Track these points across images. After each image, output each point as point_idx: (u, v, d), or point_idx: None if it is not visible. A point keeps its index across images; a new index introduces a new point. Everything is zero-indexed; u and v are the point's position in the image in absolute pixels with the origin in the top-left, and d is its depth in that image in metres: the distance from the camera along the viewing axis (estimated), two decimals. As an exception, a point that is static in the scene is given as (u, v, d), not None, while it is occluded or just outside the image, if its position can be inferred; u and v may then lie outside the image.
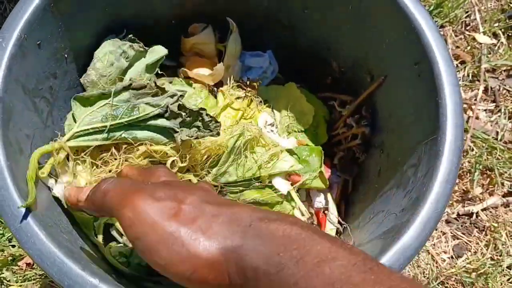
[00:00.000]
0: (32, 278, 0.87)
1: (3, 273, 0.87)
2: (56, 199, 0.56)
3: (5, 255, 0.88)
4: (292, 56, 0.80)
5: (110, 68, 0.64)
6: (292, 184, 0.71)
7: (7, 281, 0.87)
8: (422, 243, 0.48)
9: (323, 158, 0.75)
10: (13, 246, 0.89)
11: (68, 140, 0.56)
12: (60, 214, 0.56)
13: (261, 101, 0.78)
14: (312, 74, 0.79)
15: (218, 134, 0.59)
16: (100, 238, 0.58)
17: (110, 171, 0.57)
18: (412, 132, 0.58)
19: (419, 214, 0.49)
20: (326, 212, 0.77)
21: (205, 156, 0.65)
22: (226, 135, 0.67)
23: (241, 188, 0.69)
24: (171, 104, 0.56)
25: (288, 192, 0.71)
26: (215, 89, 0.78)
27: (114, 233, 0.61)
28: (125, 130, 0.56)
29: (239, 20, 0.77)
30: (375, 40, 0.64)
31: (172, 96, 0.56)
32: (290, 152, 0.74)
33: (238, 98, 0.74)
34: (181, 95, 0.56)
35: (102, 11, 0.65)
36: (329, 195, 0.77)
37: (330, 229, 0.74)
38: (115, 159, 0.58)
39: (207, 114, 0.59)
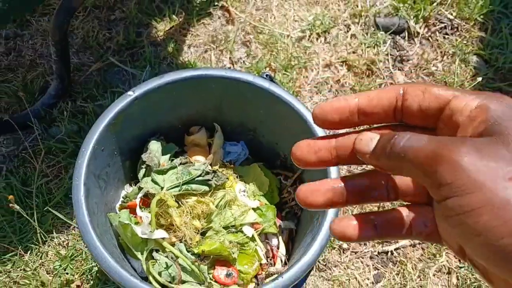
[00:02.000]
0: (80, 296, 1.27)
1: (60, 292, 1.27)
2: (111, 236, 0.97)
3: (62, 280, 1.28)
4: (256, 145, 1.23)
5: (157, 153, 1.08)
6: (255, 230, 1.12)
7: (63, 298, 1.27)
8: (316, 258, 0.89)
9: (275, 212, 1.16)
10: (67, 273, 1.29)
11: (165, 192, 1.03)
12: (114, 247, 0.97)
13: (237, 176, 1.20)
14: (269, 157, 1.22)
15: (227, 179, 1.10)
16: (144, 257, 1.00)
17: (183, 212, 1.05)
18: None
19: (318, 237, 0.90)
20: (278, 249, 1.17)
21: (201, 211, 1.08)
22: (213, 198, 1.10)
23: (222, 233, 1.10)
24: (204, 168, 1.06)
25: (253, 235, 1.11)
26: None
27: (155, 254, 1.02)
28: (187, 184, 1.04)
29: (222, 124, 1.20)
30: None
31: (203, 164, 1.07)
32: (255, 209, 1.15)
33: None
34: (206, 164, 1.07)
35: (138, 127, 1.08)
36: (280, 238, 1.18)
37: (279, 261, 1.14)
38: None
39: (219, 172, 1.09)
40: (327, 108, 0.38)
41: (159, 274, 1.01)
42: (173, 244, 1.05)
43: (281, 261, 1.13)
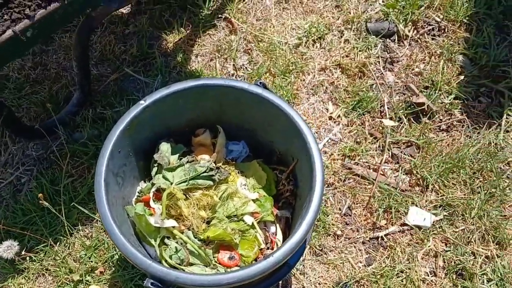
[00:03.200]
0: (103, 280, 1.44)
1: (86, 278, 1.44)
2: (129, 226, 1.14)
3: (87, 267, 1.45)
4: (255, 144, 1.38)
5: (167, 153, 1.24)
6: (255, 218, 1.28)
7: (88, 282, 1.44)
8: (302, 238, 1.04)
9: (273, 203, 1.31)
10: (91, 261, 1.46)
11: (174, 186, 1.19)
12: (131, 235, 1.13)
13: (238, 172, 1.35)
14: (267, 154, 1.37)
15: (229, 174, 1.25)
16: (157, 244, 1.16)
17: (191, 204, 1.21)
18: (306, 188, 1.15)
19: (304, 222, 1.05)
20: (275, 235, 1.32)
21: (206, 203, 1.24)
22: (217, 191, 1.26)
23: (225, 221, 1.25)
24: (209, 165, 1.21)
25: (252, 223, 1.27)
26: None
27: (167, 240, 1.18)
28: (193, 180, 1.20)
29: (223, 125, 1.35)
30: (292, 142, 1.22)
31: (208, 162, 1.21)
32: (254, 200, 1.31)
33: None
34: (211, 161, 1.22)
35: (149, 131, 1.25)
36: (277, 225, 1.33)
37: (276, 245, 1.29)
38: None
39: (222, 168, 1.25)
40: None
41: (170, 257, 1.17)
42: (182, 232, 1.21)
43: (277, 246, 1.28)
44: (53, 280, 1.45)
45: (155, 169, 1.31)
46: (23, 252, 1.31)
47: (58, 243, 1.47)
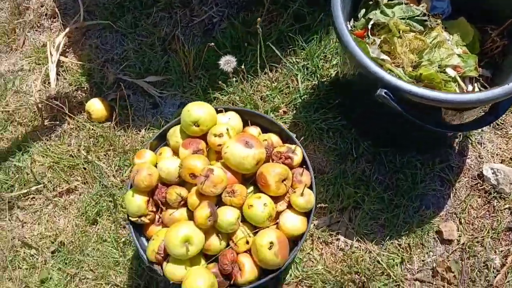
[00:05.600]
0: (285, 119, 1.51)
1: (270, 114, 1.52)
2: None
3: (271, 106, 1.53)
4: (461, 2, 1.37)
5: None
6: (457, 72, 1.28)
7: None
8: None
9: (476, 60, 1.31)
10: (275, 101, 1.54)
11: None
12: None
13: (442, 27, 1.35)
14: (472, 13, 1.35)
15: (438, 24, 1.25)
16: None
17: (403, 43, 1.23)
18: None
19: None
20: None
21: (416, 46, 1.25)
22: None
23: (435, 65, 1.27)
24: (422, 10, 1.24)
25: (455, 76, 1.28)
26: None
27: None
28: (409, 20, 1.25)
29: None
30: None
31: (422, 7, 1.23)
32: (458, 55, 1.31)
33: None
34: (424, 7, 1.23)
35: None
36: (476, 85, 1.33)
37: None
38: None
39: (432, 18, 1.24)
40: None
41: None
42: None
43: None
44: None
45: (363, 11, 1.33)
46: (242, 66, 1.38)
47: (245, 81, 1.56)
